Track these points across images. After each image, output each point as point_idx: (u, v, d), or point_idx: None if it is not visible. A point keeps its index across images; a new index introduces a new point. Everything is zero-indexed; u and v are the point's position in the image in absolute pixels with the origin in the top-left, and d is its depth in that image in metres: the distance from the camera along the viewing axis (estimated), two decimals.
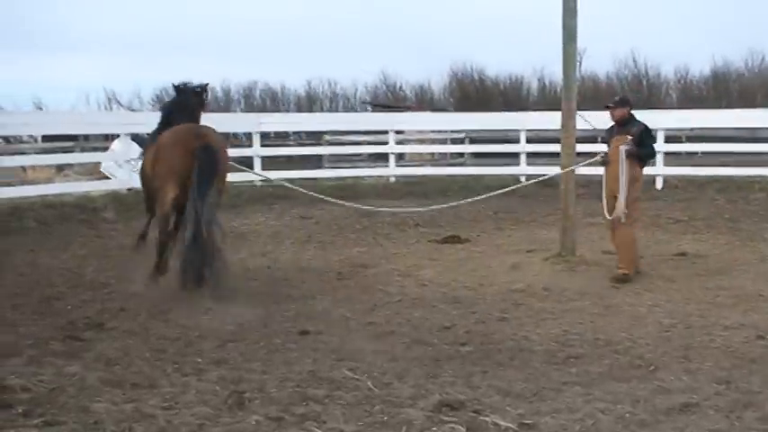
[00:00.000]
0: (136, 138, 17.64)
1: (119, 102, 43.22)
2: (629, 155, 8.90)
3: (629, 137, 8.97)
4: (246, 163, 19.16)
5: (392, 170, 19.20)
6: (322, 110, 41.09)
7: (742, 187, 16.97)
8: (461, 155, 23.15)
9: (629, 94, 10.12)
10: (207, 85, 9.28)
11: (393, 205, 15.09)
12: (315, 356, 6.02)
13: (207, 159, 7.86)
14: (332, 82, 46.07)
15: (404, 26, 57.41)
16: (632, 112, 9.29)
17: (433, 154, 24.06)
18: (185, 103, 8.95)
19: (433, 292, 8.45)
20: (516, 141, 18.60)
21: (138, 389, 5.15)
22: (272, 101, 43.75)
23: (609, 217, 9.05)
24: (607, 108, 9.35)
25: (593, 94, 45.71)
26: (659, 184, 17.67)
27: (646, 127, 9.11)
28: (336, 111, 40.57)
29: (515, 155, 18.67)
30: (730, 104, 37.60)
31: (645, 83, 48.52)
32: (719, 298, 7.99)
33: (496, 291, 8.44)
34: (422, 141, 23.28)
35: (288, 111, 40.24)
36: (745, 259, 10.05)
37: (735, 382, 5.25)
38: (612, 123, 9.32)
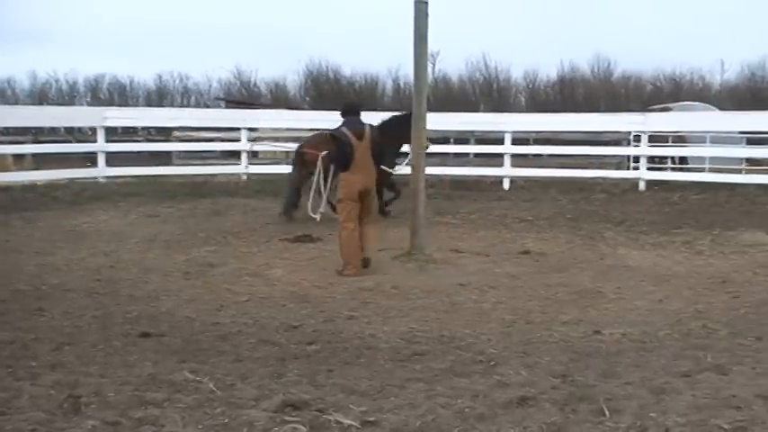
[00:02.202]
0: None
1: None
2: (329, 158, 10.03)
3: None
4: (90, 159, 18.55)
5: (244, 168, 18.94)
6: (173, 105, 40.14)
7: (584, 188, 17.77)
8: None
9: (356, 102, 10.84)
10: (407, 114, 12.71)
11: (245, 204, 14.95)
12: (156, 359, 5.83)
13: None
14: (184, 76, 45.16)
15: (260, 22, 56.81)
16: (359, 118, 9.74)
17: (287, 153, 23.88)
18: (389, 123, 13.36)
19: (282, 291, 8.37)
20: None
21: None
22: (121, 95, 42.47)
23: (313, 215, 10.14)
24: None
25: (446, 96, 46.76)
26: (506, 185, 18.25)
27: (331, 134, 9.77)
28: (188, 106, 39.72)
29: None
30: (576, 109, 39.30)
31: (495, 86, 49.99)
32: (560, 294, 8.28)
33: (346, 289, 8.44)
34: (276, 139, 23.06)
35: (137, 105, 39.12)
36: (585, 257, 10.46)
37: (571, 376, 5.39)
38: None
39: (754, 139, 21.35)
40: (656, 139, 19.87)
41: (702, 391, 4.94)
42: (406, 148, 13.21)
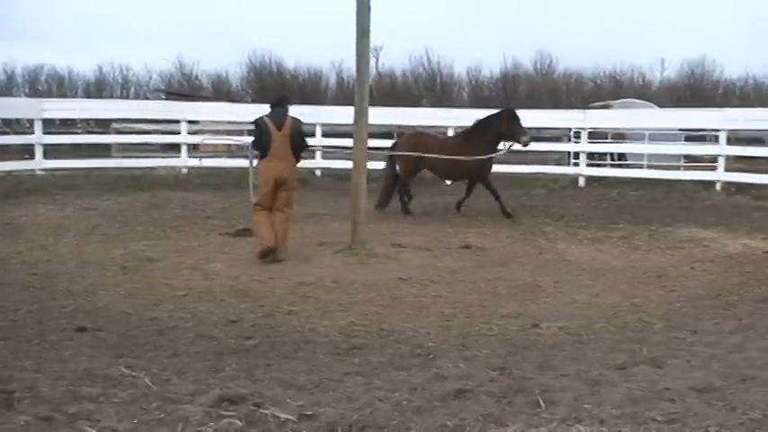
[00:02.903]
0: None
1: None
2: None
3: None
4: (28, 151, 18.17)
5: (184, 161, 18.70)
6: (112, 96, 39.51)
7: (524, 184, 17.96)
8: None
9: (285, 97, 10.79)
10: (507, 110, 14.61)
11: (185, 197, 14.77)
12: (91, 354, 5.72)
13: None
14: (124, 67, 44.50)
15: (202, 14, 56.16)
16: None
17: (229, 145, 23.66)
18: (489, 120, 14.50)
19: (221, 285, 8.28)
20: (311, 135, 18.58)
21: None
22: (59, 86, 41.68)
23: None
24: None
25: (390, 90, 46.84)
26: (448, 180, 18.29)
27: (253, 121, 10.15)
28: (128, 98, 39.13)
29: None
30: (518, 105, 39.56)
31: (439, 81, 50.19)
32: (499, 288, 8.34)
33: (286, 284, 8.38)
34: (217, 132, 22.84)
35: (76, 96, 38.39)
36: (525, 252, 10.56)
37: (508, 369, 5.42)
38: None
39: (693, 136, 21.78)
40: (595, 135, 20.15)
41: (637, 384, 5.02)
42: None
